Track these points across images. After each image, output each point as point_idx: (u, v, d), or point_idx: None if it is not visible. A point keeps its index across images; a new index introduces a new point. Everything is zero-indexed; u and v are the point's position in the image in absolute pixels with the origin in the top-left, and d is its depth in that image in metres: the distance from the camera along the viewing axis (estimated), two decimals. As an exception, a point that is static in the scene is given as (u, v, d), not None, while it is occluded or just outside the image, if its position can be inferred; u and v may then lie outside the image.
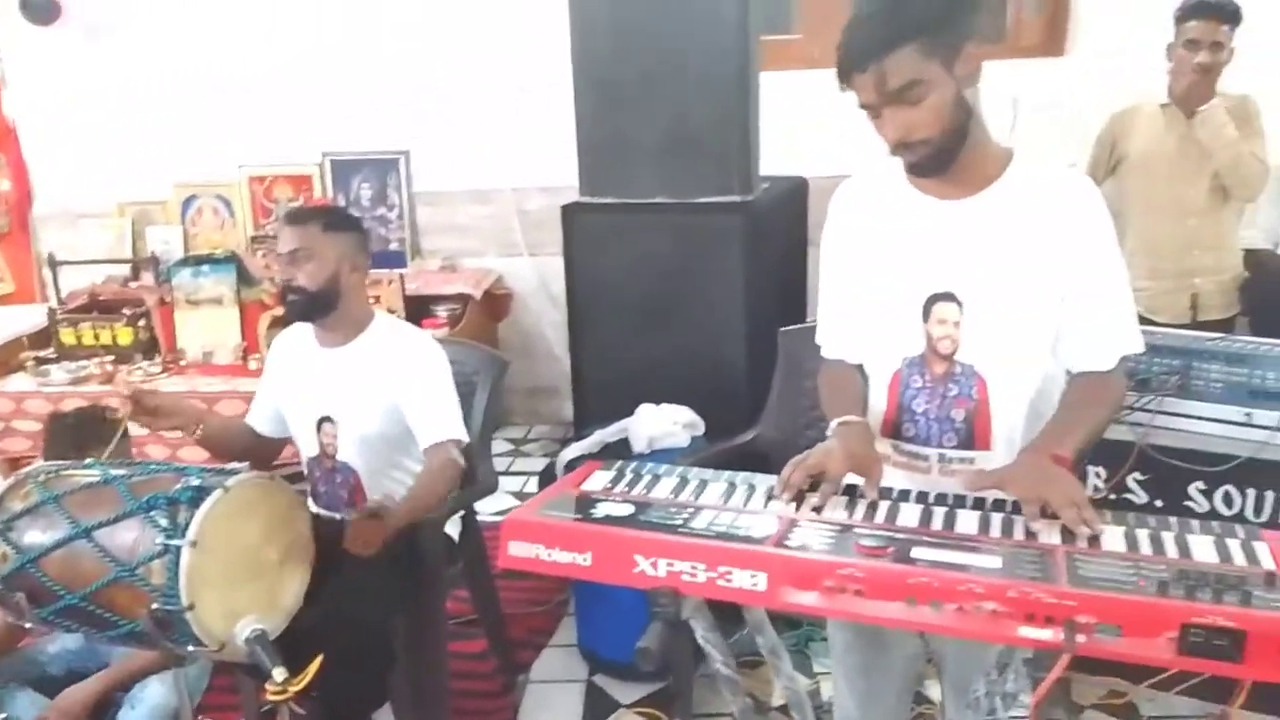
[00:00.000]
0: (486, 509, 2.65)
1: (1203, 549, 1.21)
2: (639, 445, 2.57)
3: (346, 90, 4.08)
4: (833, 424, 1.49)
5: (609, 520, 1.29)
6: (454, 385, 2.14)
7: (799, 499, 1.37)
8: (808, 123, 3.35)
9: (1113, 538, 1.24)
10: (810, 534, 1.24)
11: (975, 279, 1.48)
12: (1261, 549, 1.20)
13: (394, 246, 4.23)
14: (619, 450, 2.61)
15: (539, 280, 4.24)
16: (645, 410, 2.62)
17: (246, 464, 1.76)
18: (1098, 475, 2.23)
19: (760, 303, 2.84)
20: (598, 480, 1.46)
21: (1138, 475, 2.21)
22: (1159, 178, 3.00)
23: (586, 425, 2.84)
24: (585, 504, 1.35)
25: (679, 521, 1.28)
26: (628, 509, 1.32)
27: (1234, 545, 1.21)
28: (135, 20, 4.13)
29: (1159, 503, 2.21)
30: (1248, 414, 2.11)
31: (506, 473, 3.90)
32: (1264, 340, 2.41)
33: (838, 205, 1.64)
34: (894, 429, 1.59)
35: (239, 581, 1.56)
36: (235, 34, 4.08)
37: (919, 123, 1.39)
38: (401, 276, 3.58)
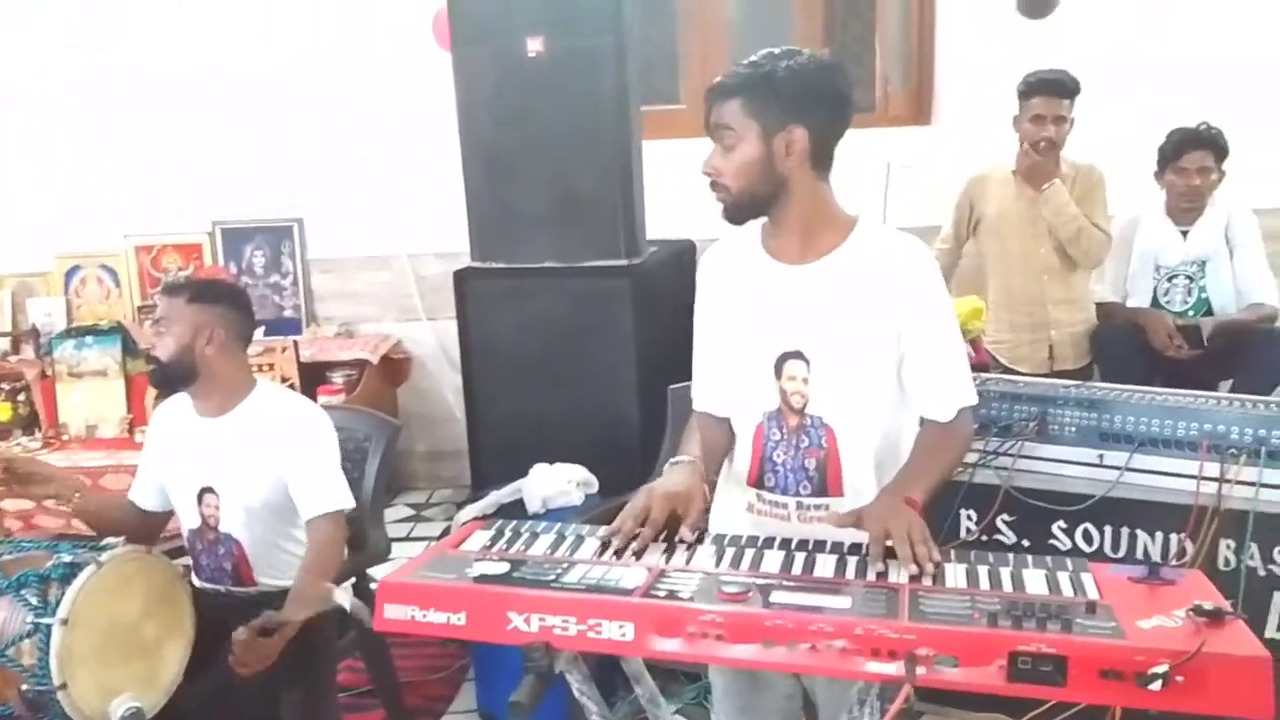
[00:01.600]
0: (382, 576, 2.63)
1: (1035, 582, 1.31)
2: (534, 505, 2.60)
3: (237, 157, 4.07)
4: (667, 464, 1.57)
5: (483, 579, 1.33)
6: (339, 453, 2.15)
7: (639, 544, 1.44)
8: (694, 188, 3.49)
9: (955, 574, 1.33)
10: (677, 583, 1.30)
11: (821, 338, 1.58)
12: (1088, 579, 1.31)
13: (288, 313, 4.20)
14: (515, 511, 2.63)
15: (438, 344, 4.26)
16: (539, 470, 2.66)
17: (122, 538, 1.74)
18: (969, 518, 2.35)
19: (650, 361, 2.93)
20: (476, 540, 1.49)
21: (1005, 516, 2.33)
22: (1012, 238, 3.24)
23: (484, 487, 2.85)
24: (461, 564, 1.38)
25: (552, 577, 1.32)
26: (503, 567, 1.36)
27: (1063, 577, 1.32)
28: (14, 88, 4.06)
29: (1026, 542, 2.33)
30: (1100, 455, 2.26)
31: (408, 538, 3.87)
32: (1113, 386, 2.59)
33: (703, 270, 1.75)
34: (758, 479, 1.68)
35: (115, 659, 1.53)
36: (120, 101, 4.04)
37: (723, 169, 1.56)
38: (295, 343, 3.56)
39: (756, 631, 1.19)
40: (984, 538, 2.33)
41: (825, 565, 1.38)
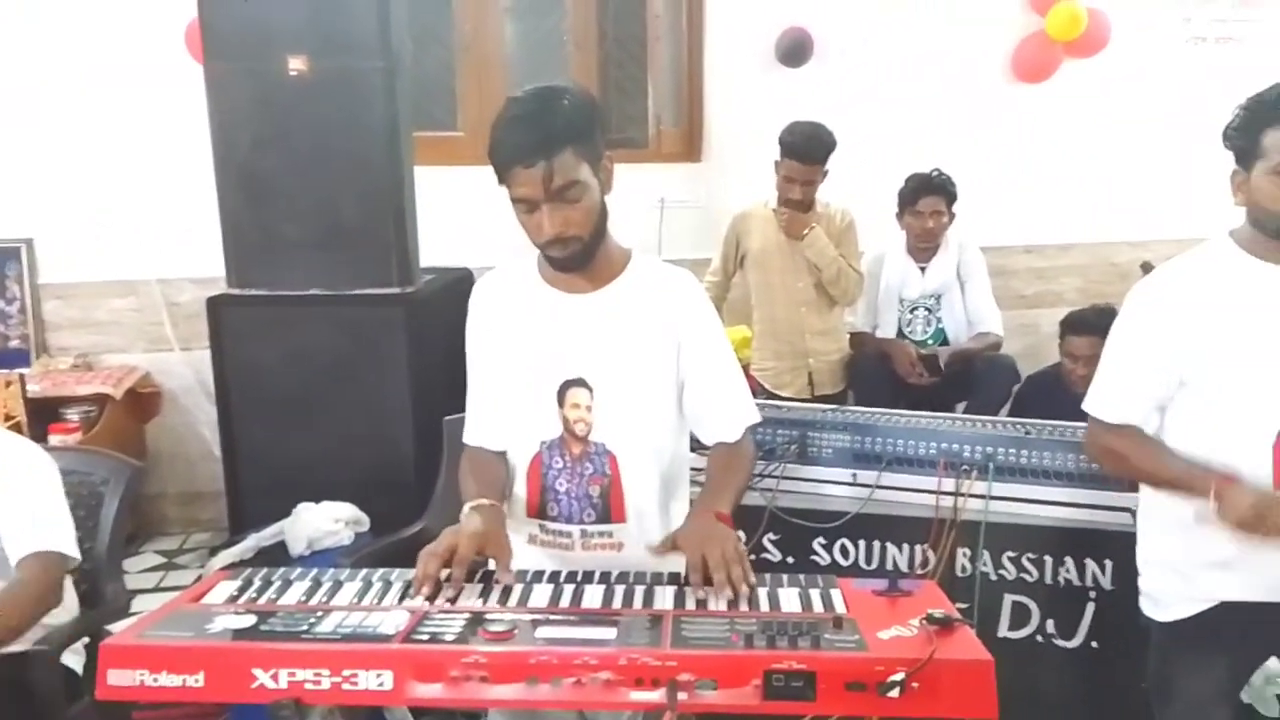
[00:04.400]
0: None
1: (789, 600, 1.36)
2: (297, 548, 2.46)
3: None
4: (465, 508, 1.53)
5: (225, 634, 1.23)
6: (62, 496, 1.94)
7: (437, 591, 1.39)
8: (472, 216, 3.46)
9: (715, 597, 1.36)
10: (440, 625, 1.26)
11: (604, 365, 1.60)
12: (836, 595, 1.38)
13: (14, 344, 3.76)
14: (277, 555, 2.47)
15: (194, 376, 3.94)
16: (303, 510, 2.52)
17: None
18: (739, 538, 2.44)
19: (425, 392, 2.85)
20: (220, 592, 1.38)
21: (771, 536, 2.44)
22: (774, 272, 3.43)
23: (243, 530, 2.67)
24: (200, 619, 1.27)
25: (304, 628, 1.24)
26: (248, 620, 1.26)
27: (815, 594, 1.38)
28: None
29: (790, 559, 2.45)
30: (854, 475, 2.41)
31: (156, 589, 3.54)
32: (865, 410, 2.78)
33: (477, 300, 1.72)
34: (539, 510, 1.66)
35: None
36: None
37: (575, 220, 1.50)
38: (22, 377, 3.19)
39: (521, 670, 1.16)
40: (753, 557, 2.40)
41: (594, 596, 1.38)
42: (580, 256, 1.55)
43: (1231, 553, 1.68)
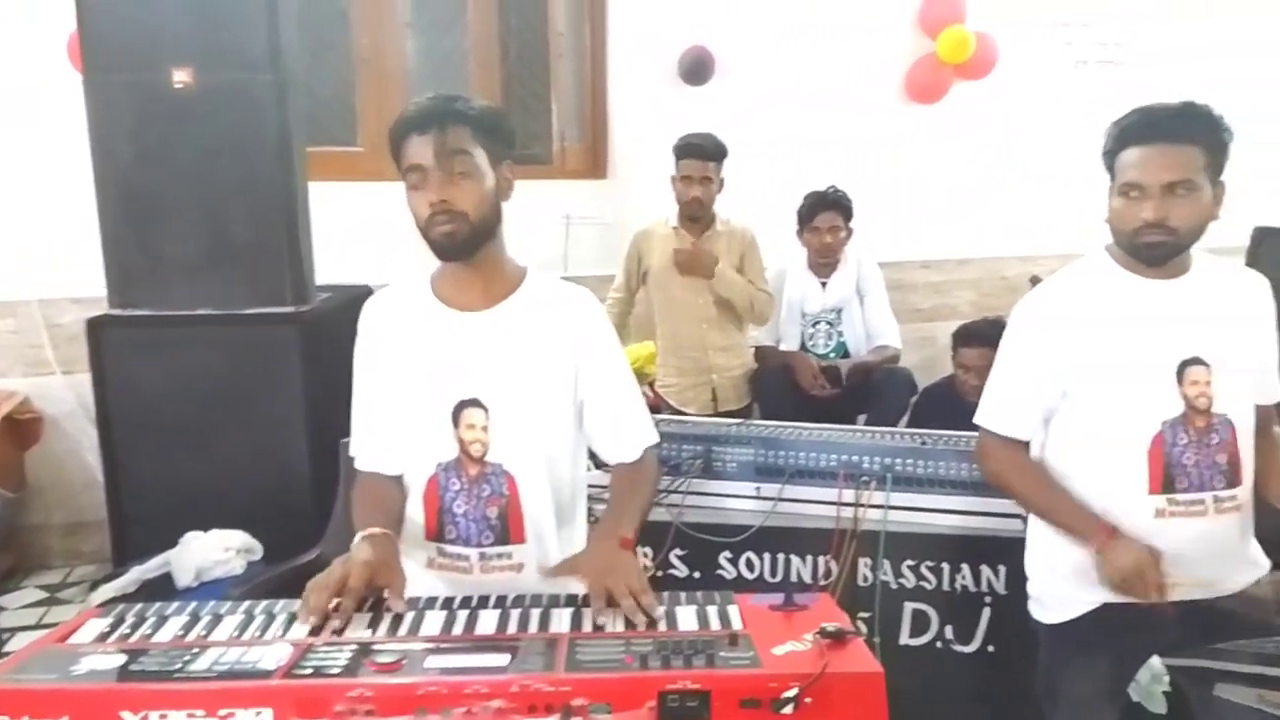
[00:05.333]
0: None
1: (687, 618, 1.35)
2: (184, 579, 2.35)
3: None
4: (356, 537, 1.48)
5: (92, 676, 1.16)
6: None
7: (324, 622, 1.34)
8: (372, 232, 3.39)
9: (613, 620, 1.34)
10: (325, 658, 1.21)
11: (498, 385, 1.58)
12: (733, 611, 1.37)
13: (-125, 369, 3.53)
14: (162, 587, 2.36)
15: (76, 401, 3.75)
16: (191, 539, 2.42)
17: None
18: (645, 555, 2.43)
19: (322, 414, 2.76)
20: (90, 630, 1.30)
21: (678, 551, 2.44)
22: (675, 289, 3.45)
23: (128, 561, 2.54)
24: (65, 661, 1.19)
25: (177, 666, 1.18)
26: (118, 660, 1.19)
27: (712, 611, 1.37)
28: None
29: (696, 574, 2.45)
30: (757, 488, 2.43)
31: (39, 625, 3.34)
32: (768, 423, 2.81)
33: (367, 320, 1.67)
34: (436, 533, 1.63)
35: None
36: None
37: (461, 196, 1.50)
38: (-119, 406, 2.99)
39: (409, 701, 1.12)
40: (660, 573, 2.42)
41: (488, 622, 1.35)
42: (465, 242, 1.52)
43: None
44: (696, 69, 3.81)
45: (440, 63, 4.04)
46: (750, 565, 2.44)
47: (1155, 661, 1.91)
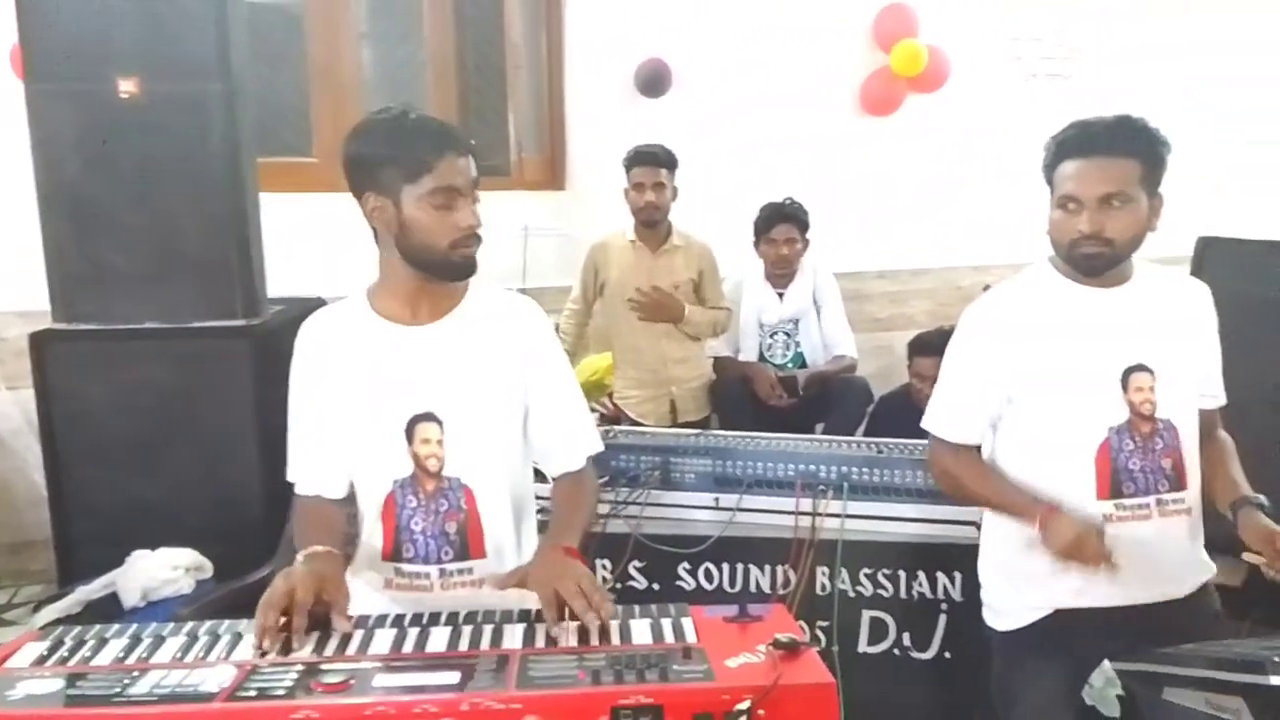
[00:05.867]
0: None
1: (641, 632, 1.34)
2: (131, 599, 2.30)
3: None
4: (299, 556, 1.46)
5: (29, 701, 1.12)
6: None
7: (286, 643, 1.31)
8: (327, 243, 3.35)
9: (567, 634, 1.34)
10: (270, 679, 1.18)
11: (451, 398, 1.56)
12: (688, 624, 1.36)
13: None
14: (108, 608, 2.31)
15: (22, 417, 3.65)
16: (138, 558, 2.36)
17: None
18: (604, 567, 2.42)
19: (274, 429, 2.69)
20: (27, 655, 1.27)
21: (637, 563, 2.43)
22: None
23: (74, 582, 2.48)
24: (2, 686, 1.16)
25: (117, 690, 1.15)
26: (56, 684, 1.16)
27: (666, 624, 1.36)
28: None
29: (656, 586, 2.45)
30: (716, 499, 2.43)
31: (-20, 650, 3.25)
32: (727, 434, 2.82)
33: (307, 341, 1.65)
34: (394, 552, 1.60)
35: None
36: None
37: (479, 221, 1.55)
38: None
39: (356, 722, 1.11)
40: (619, 585, 2.41)
41: (439, 639, 1.33)
42: (476, 262, 1.56)
43: (1065, 562, 1.76)
44: (654, 81, 3.82)
45: (396, 73, 4.02)
46: (709, 576, 2.44)
47: (1107, 665, 1.94)
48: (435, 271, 1.55)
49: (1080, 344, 1.76)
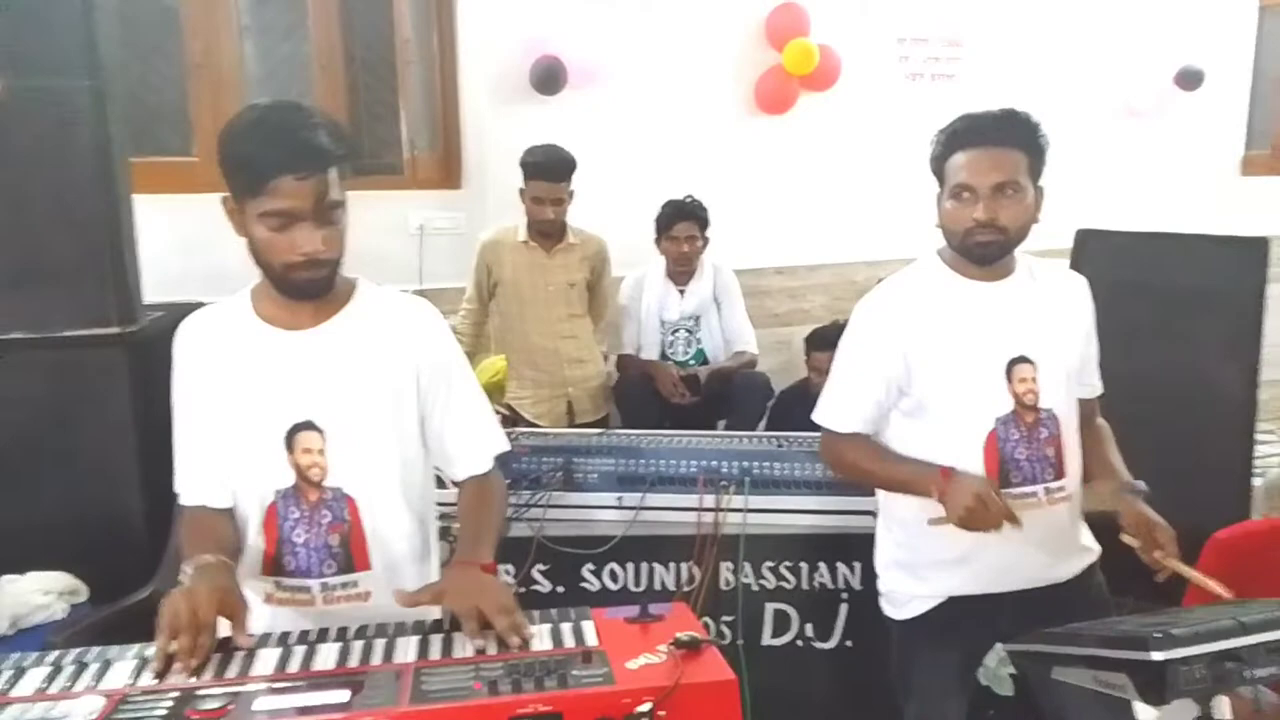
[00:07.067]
0: None
1: (540, 637, 1.32)
2: (-2, 627, 2.15)
3: None
4: (187, 567, 1.38)
5: None
6: None
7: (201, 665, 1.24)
8: (209, 246, 3.20)
9: (463, 644, 1.30)
10: (141, 709, 1.11)
11: (332, 405, 1.51)
12: (588, 627, 1.34)
13: None
14: (-27, 638, 2.15)
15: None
16: (6, 583, 2.21)
17: None
18: (507, 572, 2.38)
19: (154, 441, 2.55)
20: None
21: (540, 566, 2.41)
22: (526, 303, 3.43)
23: (-66, 612, 2.30)
24: None
25: (-31, 729, 1.07)
26: (-101, 727, 1.07)
27: (566, 628, 1.34)
28: None
29: (560, 588, 2.43)
30: (619, 498, 2.41)
31: None
32: (629, 432, 2.82)
33: (183, 345, 1.56)
34: (274, 565, 1.53)
35: None
36: None
37: (333, 242, 1.43)
38: None
39: (236, 750, 1.05)
40: (522, 589, 2.37)
41: (327, 656, 1.27)
42: (326, 282, 1.46)
43: (958, 550, 1.80)
44: (549, 78, 3.78)
45: (280, 68, 3.87)
46: (614, 576, 2.43)
47: (1000, 647, 2.00)
48: (278, 288, 1.47)
49: (966, 336, 1.80)
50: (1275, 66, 5.41)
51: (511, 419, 3.06)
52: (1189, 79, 4.86)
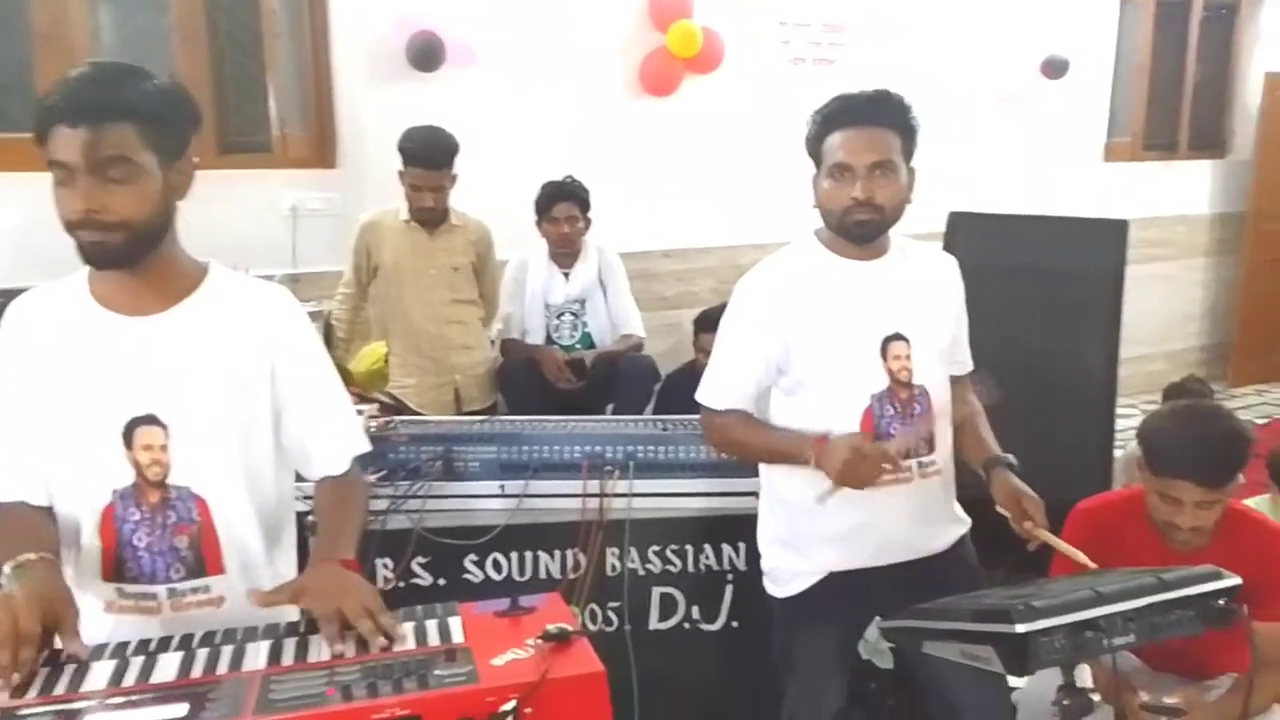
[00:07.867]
0: None
1: (404, 637, 1.25)
2: None
3: None
4: (6, 568, 1.26)
5: None
6: None
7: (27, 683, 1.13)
8: (56, 227, 3.00)
9: (320, 648, 1.22)
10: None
11: (176, 398, 1.40)
12: (455, 623, 1.28)
13: None
14: None
15: None
16: None
17: None
18: (386, 566, 2.30)
19: None
20: None
21: (420, 559, 2.33)
22: (408, 286, 3.31)
23: None
24: None
25: None
26: None
27: (432, 625, 1.27)
28: None
29: (441, 581, 2.35)
30: (501, 486, 2.35)
31: None
32: (511, 419, 2.75)
33: (10, 328, 1.43)
34: (116, 570, 1.42)
35: None
36: None
37: (118, 206, 1.29)
38: None
39: (59, 773, 0.96)
40: (402, 584, 2.30)
41: (168, 667, 1.18)
42: (121, 252, 1.33)
43: (839, 526, 1.82)
44: (426, 54, 3.66)
45: (136, 39, 3.64)
46: (498, 566, 2.37)
47: (879, 620, 2.03)
48: (81, 258, 1.35)
49: (843, 314, 1.81)
50: (1136, 57, 5.68)
51: (395, 408, 2.95)
52: (1055, 68, 5.06)
